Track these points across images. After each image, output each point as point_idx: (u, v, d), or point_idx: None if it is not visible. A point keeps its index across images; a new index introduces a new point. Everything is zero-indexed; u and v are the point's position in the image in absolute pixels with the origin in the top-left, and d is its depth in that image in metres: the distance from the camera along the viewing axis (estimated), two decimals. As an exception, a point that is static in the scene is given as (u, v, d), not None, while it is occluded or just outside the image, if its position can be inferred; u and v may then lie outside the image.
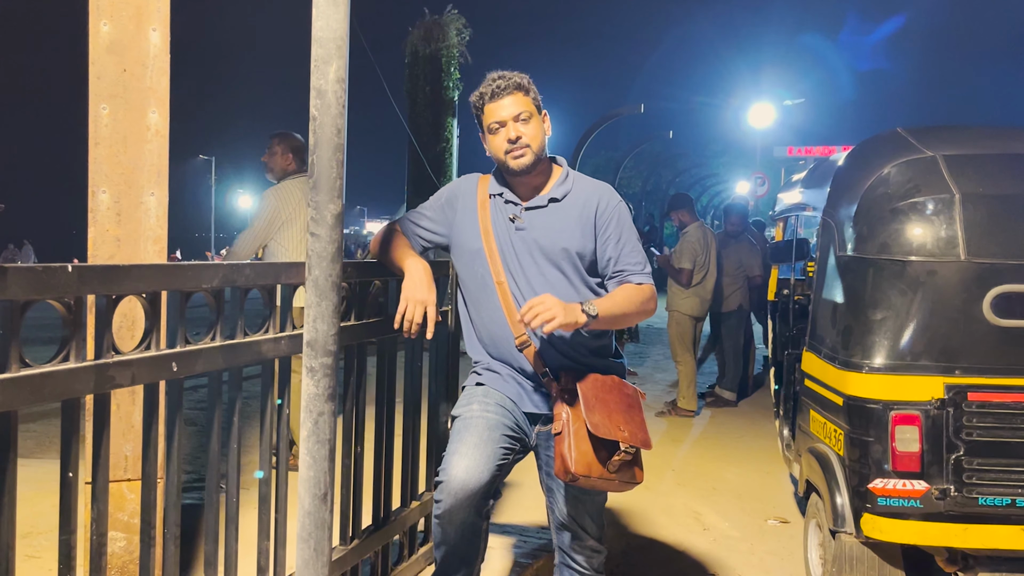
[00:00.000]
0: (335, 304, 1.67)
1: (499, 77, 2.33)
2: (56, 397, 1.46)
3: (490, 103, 2.32)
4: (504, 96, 2.30)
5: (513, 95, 2.31)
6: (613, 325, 2.31)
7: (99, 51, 2.32)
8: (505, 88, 2.30)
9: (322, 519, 1.70)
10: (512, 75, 2.34)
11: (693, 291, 6.96)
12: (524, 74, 2.37)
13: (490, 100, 2.32)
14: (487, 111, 2.33)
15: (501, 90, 2.31)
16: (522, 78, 2.35)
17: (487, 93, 2.33)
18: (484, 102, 2.34)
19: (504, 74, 2.34)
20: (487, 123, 2.35)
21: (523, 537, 3.52)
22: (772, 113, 28.88)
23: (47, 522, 3.45)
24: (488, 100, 2.32)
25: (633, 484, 2.23)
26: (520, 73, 2.36)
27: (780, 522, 4.45)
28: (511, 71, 2.35)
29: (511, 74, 2.34)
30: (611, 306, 2.23)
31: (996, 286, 2.91)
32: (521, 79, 2.34)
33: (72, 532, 1.52)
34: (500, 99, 2.31)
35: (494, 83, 2.32)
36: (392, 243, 2.42)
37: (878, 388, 2.96)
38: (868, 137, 3.69)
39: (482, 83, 2.36)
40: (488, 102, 2.33)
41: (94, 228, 2.30)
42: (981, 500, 2.84)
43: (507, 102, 2.31)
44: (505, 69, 2.35)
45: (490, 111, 2.32)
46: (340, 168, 1.65)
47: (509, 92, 2.31)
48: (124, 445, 2.34)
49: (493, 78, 2.34)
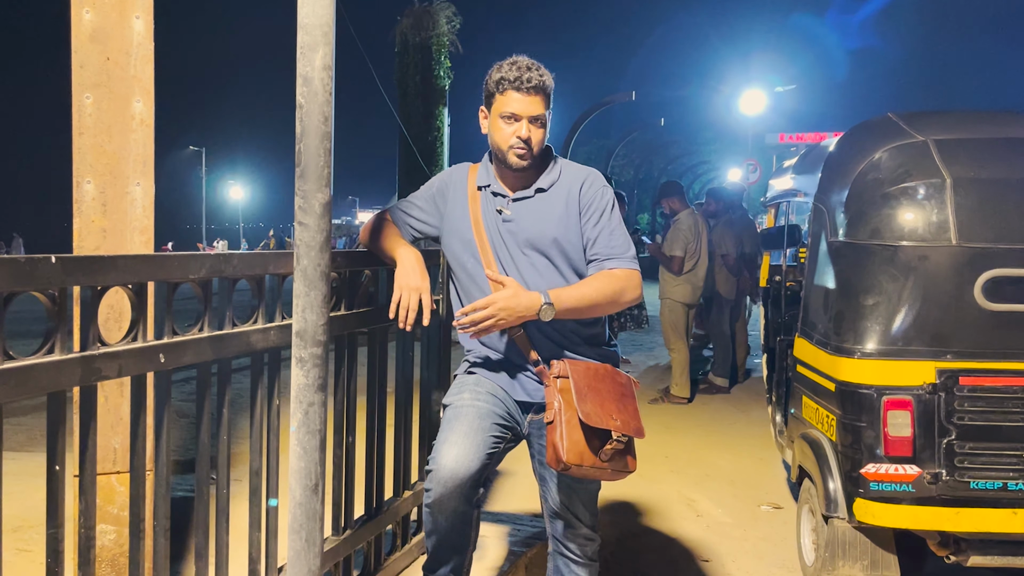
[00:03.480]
0: (324, 294, 1.66)
1: (530, 68, 2.23)
2: (41, 390, 1.44)
3: (513, 91, 2.22)
4: (530, 93, 2.21)
5: (538, 96, 2.22)
6: (579, 315, 2.24)
7: (82, 39, 2.29)
8: (536, 86, 2.21)
9: (313, 510, 1.69)
10: (544, 72, 2.25)
11: (685, 278, 6.97)
12: (551, 74, 2.28)
13: (515, 89, 2.22)
14: (506, 96, 2.23)
15: (531, 85, 2.21)
16: (551, 79, 2.26)
17: (513, 80, 2.21)
18: (506, 87, 2.23)
19: (535, 65, 2.24)
20: (501, 109, 2.24)
21: (517, 525, 3.52)
22: (763, 100, 28.91)
23: (38, 516, 3.42)
24: (511, 87, 2.22)
25: (626, 473, 2.23)
26: (550, 73, 2.27)
27: (773, 508, 4.46)
28: (538, 64, 2.25)
29: (543, 71, 2.24)
30: (575, 298, 2.18)
31: (987, 270, 2.91)
32: (550, 80, 2.25)
33: (60, 526, 1.50)
34: (525, 93, 2.21)
35: (525, 73, 2.21)
36: (383, 232, 2.40)
37: (870, 373, 2.96)
38: (859, 122, 3.69)
39: (505, 64, 2.25)
40: (511, 89, 2.22)
41: (79, 219, 2.28)
42: (973, 484, 2.85)
43: (531, 100, 2.22)
44: (493, 59, 2.27)
45: (509, 100, 2.23)
46: (328, 156, 1.64)
47: (536, 92, 2.22)
48: (113, 438, 2.33)
49: (524, 66, 2.23)
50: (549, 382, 2.21)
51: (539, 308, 2.13)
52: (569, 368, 2.21)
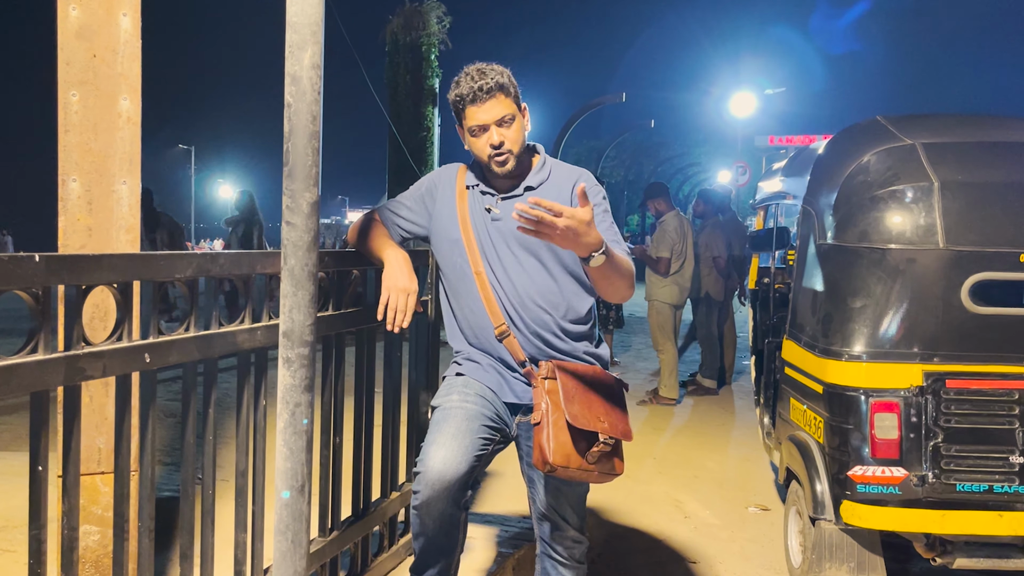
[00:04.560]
0: (312, 294, 1.65)
1: (479, 76, 2.20)
2: (24, 389, 1.42)
3: (471, 106, 2.20)
4: (486, 100, 2.19)
5: (495, 98, 2.19)
6: (608, 282, 2.13)
7: (68, 36, 2.27)
8: (487, 91, 2.18)
9: (299, 511, 1.68)
10: (493, 73, 2.21)
11: (672, 279, 6.98)
12: (505, 69, 2.25)
13: (471, 103, 2.20)
14: (468, 113, 2.22)
15: (483, 92, 2.18)
16: (503, 75, 2.22)
17: (467, 96, 2.20)
18: (464, 104, 2.22)
19: (484, 71, 2.21)
20: (468, 125, 2.23)
21: (505, 526, 3.52)
22: (753, 102, 29.02)
23: (23, 515, 3.40)
24: (469, 103, 2.20)
25: (613, 475, 2.22)
26: (501, 68, 2.24)
27: (760, 509, 4.47)
28: (490, 65, 2.22)
29: (492, 72, 2.21)
30: (618, 260, 2.09)
31: (974, 274, 2.93)
32: (502, 78, 2.21)
33: (42, 527, 1.49)
34: (482, 102, 2.19)
35: (475, 83, 2.19)
36: (371, 233, 2.39)
37: (857, 376, 2.97)
38: (848, 125, 3.70)
39: (460, 78, 2.23)
40: (469, 104, 2.21)
41: (65, 217, 2.26)
42: (959, 486, 2.86)
43: (489, 106, 2.19)
44: (483, 58, 2.25)
45: (471, 114, 2.21)
46: (316, 156, 1.63)
47: (491, 95, 2.19)
48: (97, 438, 2.31)
49: (473, 76, 2.20)
50: (537, 383, 2.21)
51: (601, 246, 2.00)
52: (557, 369, 2.20)
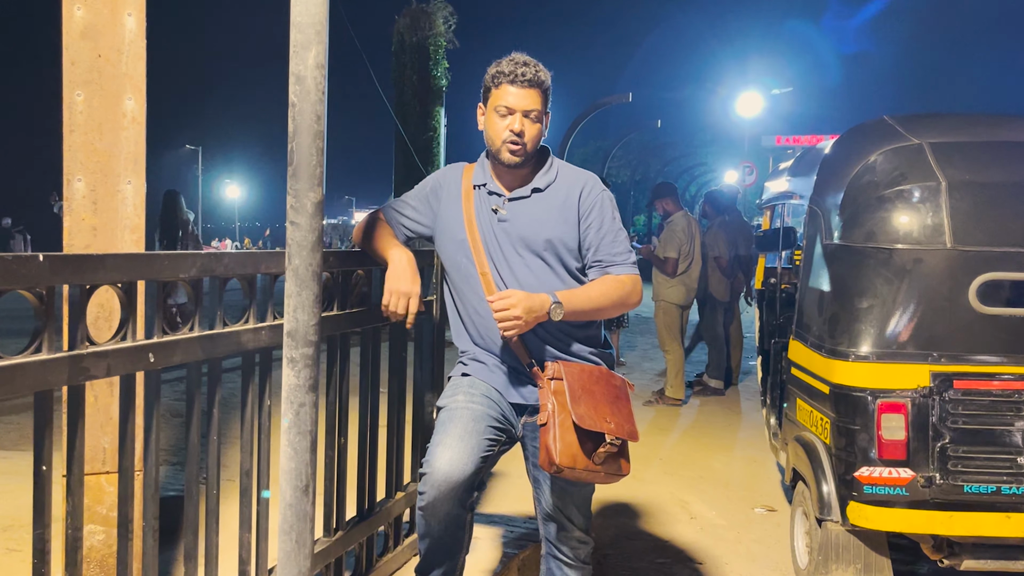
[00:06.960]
0: (316, 294, 1.64)
1: (526, 64, 2.25)
2: (28, 389, 1.43)
3: (508, 85, 2.23)
4: (524, 86, 2.23)
5: (533, 89, 2.24)
6: (585, 318, 2.27)
7: (73, 36, 2.27)
8: (528, 80, 2.23)
9: (304, 511, 1.68)
10: (540, 68, 2.26)
11: (679, 280, 6.96)
12: (550, 72, 2.30)
13: (509, 82, 2.23)
14: (501, 90, 2.25)
15: (525, 79, 2.22)
16: (547, 76, 2.28)
17: (508, 74, 2.23)
18: (501, 81, 2.25)
19: (530, 62, 2.26)
20: (496, 103, 2.26)
21: (510, 527, 3.51)
22: (760, 102, 28.93)
23: (29, 515, 3.41)
24: (506, 81, 2.23)
25: (619, 476, 2.22)
26: (546, 70, 2.29)
27: (767, 510, 4.46)
28: (536, 61, 2.27)
29: (539, 67, 2.26)
30: (583, 300, 2.22)
31: (982, 274, 2.91)
32: (547, 77, 2.27)
33: (46, 526, 1.49)
34: (520, 87, 2.23)
35: (520, 67, 2.23)
36: (376, 232, 2.38)
37: (864, 376, 2.96)
38: (855, 125, 3.69)
39: (504, 60, 2.27)
40: (505, 82, 2.24)
41: (70, 217, 2.26)
42: (966, 488, 2.84)
43: (525, 93, 2.23)
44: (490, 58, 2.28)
45: (504, 93, 2.24)
46: (320, 155, 1.63)
47: (531, 85, 2.23)
48: (102, 437, 2.31)
49: (520, 61, 2.25)
50: (543, 384, 2.20)
51: (550, 307, 2.14)
52: (563, 370, 2.20)
